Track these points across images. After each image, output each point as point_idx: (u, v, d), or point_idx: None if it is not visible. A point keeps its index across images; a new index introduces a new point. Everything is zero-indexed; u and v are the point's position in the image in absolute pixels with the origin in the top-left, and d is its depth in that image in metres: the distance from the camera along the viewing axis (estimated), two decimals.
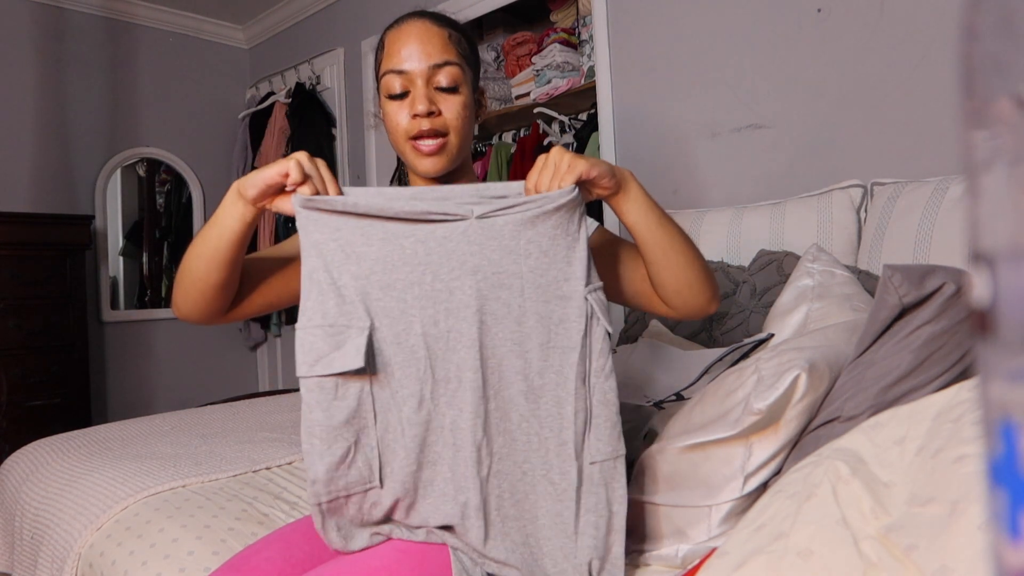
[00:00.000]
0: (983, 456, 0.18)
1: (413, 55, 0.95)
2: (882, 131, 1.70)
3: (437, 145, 0.96)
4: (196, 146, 3.74)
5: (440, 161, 0.98)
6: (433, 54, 0.95)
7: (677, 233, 0.93)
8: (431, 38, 0.96)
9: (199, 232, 0.90)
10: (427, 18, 0.98)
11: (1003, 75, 0.17)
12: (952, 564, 0.54)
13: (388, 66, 0.97)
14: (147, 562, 1.08)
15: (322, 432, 0.82)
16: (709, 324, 1.63)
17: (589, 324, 0.85)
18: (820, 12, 1.80)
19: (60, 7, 3.28)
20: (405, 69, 0.95)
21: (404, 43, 0.96)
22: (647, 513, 0.95)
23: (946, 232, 1.36)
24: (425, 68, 0.95)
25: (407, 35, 0.97)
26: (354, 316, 0.82)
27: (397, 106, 0.97)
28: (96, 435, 1.71)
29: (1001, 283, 0.17)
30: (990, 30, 0.17)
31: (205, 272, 0.88)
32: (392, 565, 0.85)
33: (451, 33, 0.98)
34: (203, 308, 0.92)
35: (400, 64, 0.96)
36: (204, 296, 0.91)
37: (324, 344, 0.81)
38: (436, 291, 0.83)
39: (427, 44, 0.96)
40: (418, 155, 0.97)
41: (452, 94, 0.97)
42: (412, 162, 0.99)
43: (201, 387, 3.65)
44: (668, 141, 2.15)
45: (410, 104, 0.96)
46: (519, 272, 0.83)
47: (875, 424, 0.75)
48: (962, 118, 0.18)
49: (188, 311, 0.94)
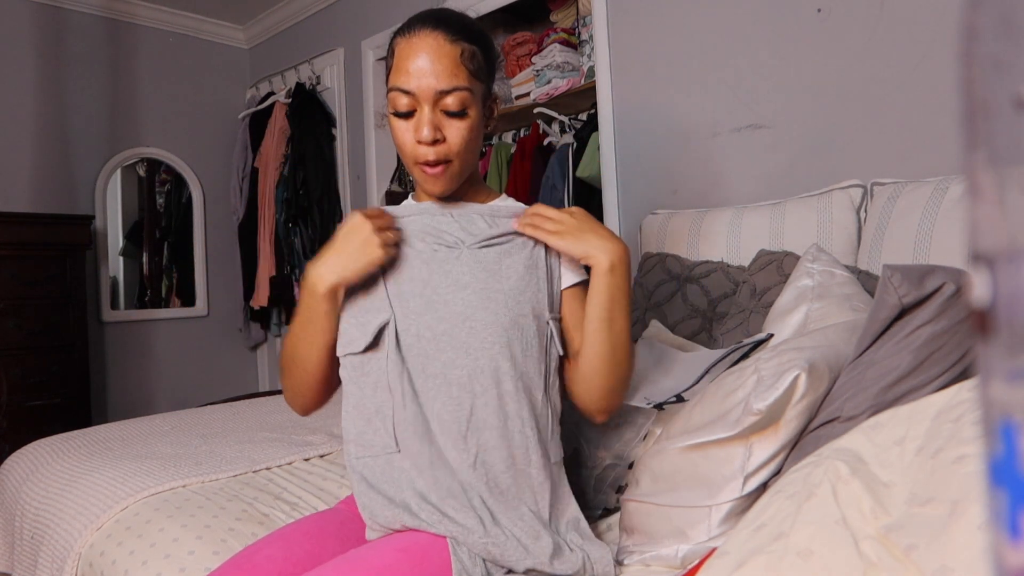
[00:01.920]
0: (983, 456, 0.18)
1: (422, 76, 0.92)
2: (882, 131, 1.70)
3: (440, 171, 0.96)
4: (196, 146, 3.74)
5: (443, 184, 0.98)
6: (442, 78, 0.92)
7: (626, 341, 1.00)
8: (441, 58, 0.92)
9: (292, 334, 1.01)
10: (440, 30, 0.93)
11: (1003, 75, 0.17)
12: (952, 564, 0.54)
13: (395, 82, 0.94)
14: (147, 561, 1.08)
15: (354, 400, 0.98)
16: (709, 324, 1.63)
17: (548, 345, 1.00)
18: (820, 12, 1.80)
19: (60, 7, 3.28)
20: (411, 90, 0.93)
21: (413, 59, 0.93)
22: (647, 513, 0.95)
23: (946, 232, 1.36)
24: (432, 93, 0.92)
25: (417, 51, 0.93)
26: (379, 310, 0.99)
27: (404, 126, 0.96)
28: (96, 435, 1.71)
29: (1001, 283, 0.17)
30: (990, 30, 0.17)
31: (314, 369, 1.02)
32: (393, 564, 0.85)
33: (463, 50, 0.94)
34: (320, 399, 1.06)
35: (407, 84, 0.93)
36: (316, 389, 1.04)
37: (355, 331, 0.98)
38: (433, 302, 0.97)
39: (436, 64, 0.92)
40: (424, 176, 0.98)
41: (459, 119, 0.95)
42: (419, 180, 1.00)
43: (201, 387, 3.65)
44: (668, 141, 2.15)
45: (415, 127, 0.94)
46: (501, 288, 0.97)
47: (875, 424, 0.75)
48: (962, 118, 0.18)
49: (306, 408, 1.07)
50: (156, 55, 3.61)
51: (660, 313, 1.73)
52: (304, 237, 3.31)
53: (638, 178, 2.23)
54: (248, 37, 3.94)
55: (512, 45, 2.87)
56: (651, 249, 1.95)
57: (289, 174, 3.37)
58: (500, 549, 0.90)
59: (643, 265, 1.90)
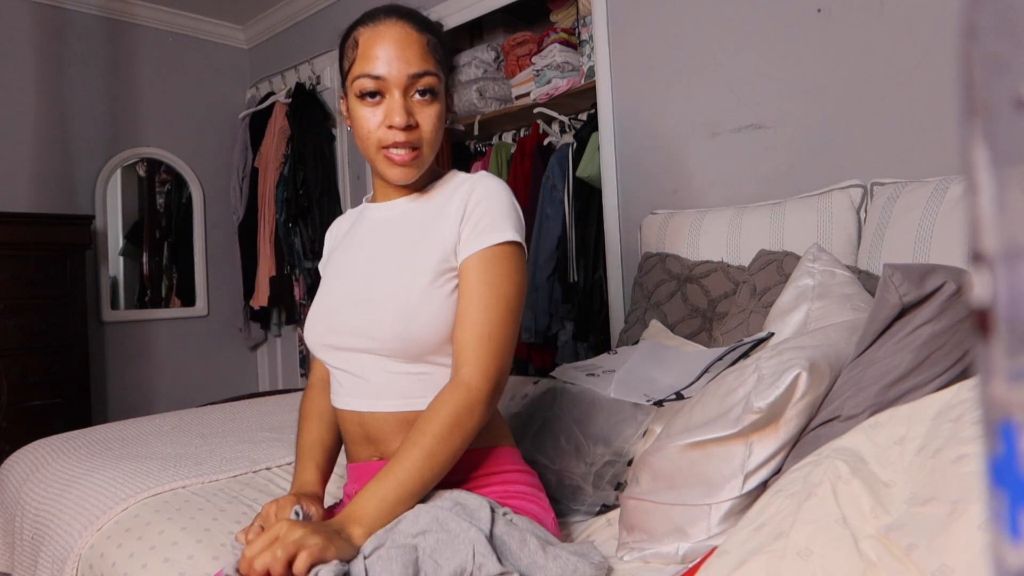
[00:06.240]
0: (983, 456, 0.18)
1: (392, 61, 0.92)
2: (882, 131, 1.70)
3: (411, 156, 0.95)
4: (196, 146, 3.74)
5: (411, 172, 0.97)
6: (413, 62, 0.93)
7: (417, 488, 0.86)
8: (411, 44, 0.93)
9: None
10: (406, 20, 0.95)
11: (1003, 75, 0.17)
12: (952, 563, 0.54)
13: (364, 69, 0.93)
14: (147, 565, 1.08)
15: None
16: (709, 324, 1.63)
17: None
18: (820, 12, 1.80)
19: (60, 7, 3.28)
20: (382, 75, 0.92)
21: (382, 46, 0.93)
22: (647, 511, 0.95)
23: (946, 232, 1.36)
24: (404, 77, 0.93)
25: (385, 38, 0.93)
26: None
27: (370, 111, 0.94)
28: (96, 435, 1.71)
29: (1001, 283, 0.17)
30: (990, 30, 0.17)
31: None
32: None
33: (430, 39, 0.96)
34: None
35: (376, 69, 0.93)
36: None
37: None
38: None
39: (407, 50, 0.93)
40: (390, 164, 0.96)
41: (429, 105, 0.95)
42: (383, 170, 0.97)
43: (201, 387, 3.65)
44: (668, 141, 2.15)
45: (385, 113, 0.94)
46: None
47: (875, 423, 0.75)
48: (962, 118, 0.18)
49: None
50: (156, 55, 3.61)
51: (660, 313, 1.73)
52: (304, 237, 3.32)
53: (638, 178, 2.23)
54: (248, 37, 3.94)
55: (512, 45, 2.87)
56: (651, 249, 1.95)
57: (289, 174, 3.37)
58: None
59: (643, 265, 1.90)
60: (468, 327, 0.92)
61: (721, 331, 1.53)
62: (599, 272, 2.42)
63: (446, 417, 0.87)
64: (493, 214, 0.95)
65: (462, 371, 0.91)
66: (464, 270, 0.95)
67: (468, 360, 0.91)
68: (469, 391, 0.89)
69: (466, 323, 0.92)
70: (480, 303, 0.92)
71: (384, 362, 0.96)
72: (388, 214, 1.04)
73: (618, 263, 2.28)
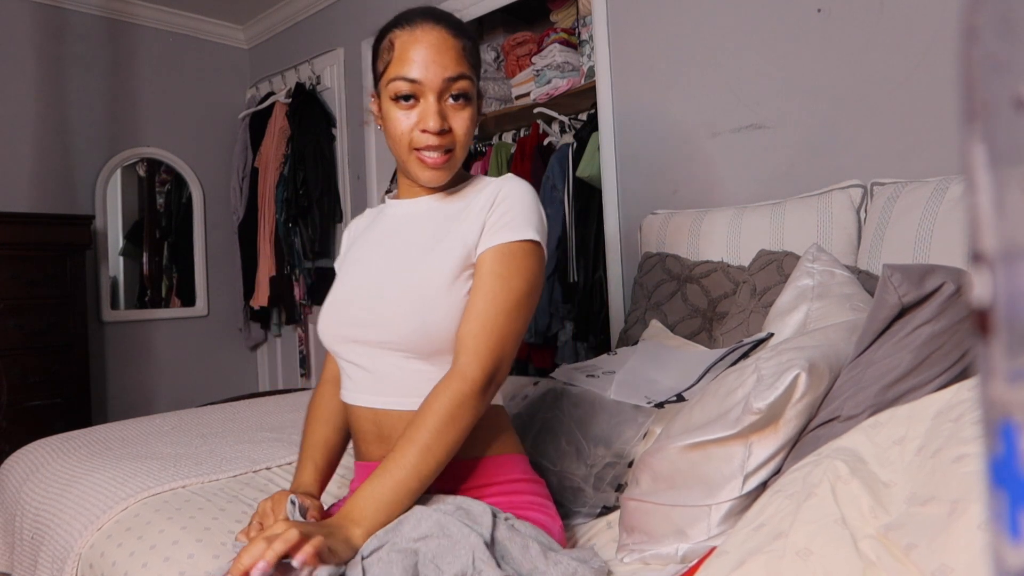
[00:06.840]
0: (983, 456, 0.18)
1: (428, 65, 0.93)
2: (882, 131, 1.70)
3: (443, 159, 0.96)
4: (196, 146, 3.74)
5: (443, 174, 0.98)
6: (449, 67, 0.94)
7: (414, 486, 0.85)
8: (447, 49, 0.94)
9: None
10: (443, 25, 0.96)
11: (1003, 75, 0.17)
12: (952, 563, 0.54)
13: (399, 72, 0.94)
14: (147, 564, 1.08)
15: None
16: (709, 324, 1.63)
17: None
18: (820, 12, 1.80)
19: (60, 7, 3.28)
20: (418, 79, 0.93)
21: (418, 50, 0.94)
22: (647, 512, 0.95)
23: (946, 232, 1.36)
24: (439, 81, 0.94)
25: (422, 42, 0.94)
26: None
27: (404, 113, 0.95)
28: (96, 435, 1.71)
29: (1001, 283, 0.17)
30: (990, 30, 0.17)
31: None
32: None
33: (465, 44, 0.97)
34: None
35: (412, 72, 0.93)
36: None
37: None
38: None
39: (443, 55, 0.94)
40: (423, 166, 0.97)
41: (462, 109, 0.96)
42: (415, 171, 0.98)
43: (201, 387, 3.65)
44: (668, 141, 2.15)
45: (420, 117, 0.94)
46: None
47: (875, 424, 0.75)
48: (962, 118, 0.18)
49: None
50: (156, 55, 3.61)
51: (660, 313, 1.73)
52: (304, 237, 3.31)
53: (638, 178, 2.23)
54: (248, 37, 3.94)
55: (512, 45, 2.87)
56: (651, 249, 1.95)
57: (289, 174, 3.37)
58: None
59: (643, 265, 1.90)
60: (472, 317, 0.92)
61: (721, 331, 1.53)
62: (599, 272, 2.42)
63: (440, 410, 0.87)
64: (515, 212, 0.96)
65: (459, 360, 0.90)
66: (479, 263, 0.95)
67: (467, 349, 0.90)
68: (464, 381, 0.88)
69: (471, 313, 0.92)
70: (488, 295, 0.92)
71: (397, 358, 0.95)
72: (413, 209, 1.05)
73: (618, 263, 2.28)
